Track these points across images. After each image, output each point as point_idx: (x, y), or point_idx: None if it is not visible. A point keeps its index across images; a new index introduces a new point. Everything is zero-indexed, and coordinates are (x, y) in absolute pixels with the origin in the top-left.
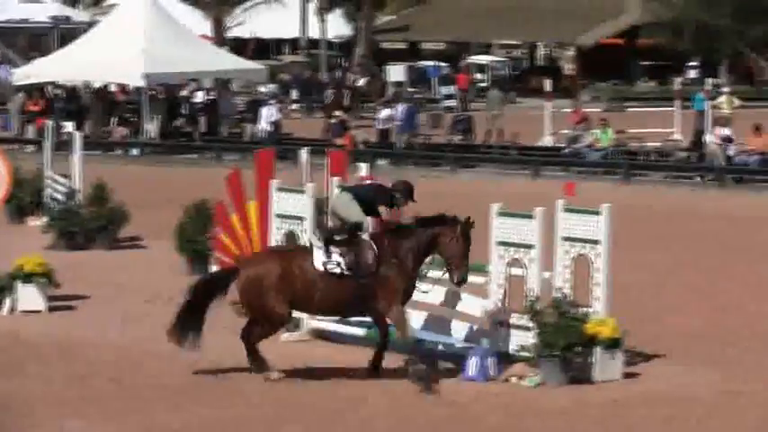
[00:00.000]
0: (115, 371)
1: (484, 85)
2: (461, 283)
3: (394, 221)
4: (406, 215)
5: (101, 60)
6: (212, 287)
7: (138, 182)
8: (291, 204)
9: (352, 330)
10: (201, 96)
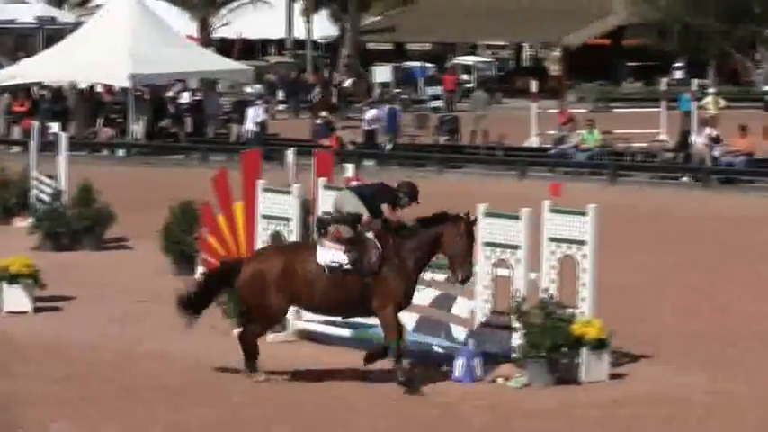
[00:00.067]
0: (102, 371)
1: (470, 85)
2: (465, 281)
3: (397, 220)
4: (406, 216)
5: (87, 61)
6: (220, 279)
7: (124, 183)
8: (278, 205)
9: (338, 331)
10: (187, 97)
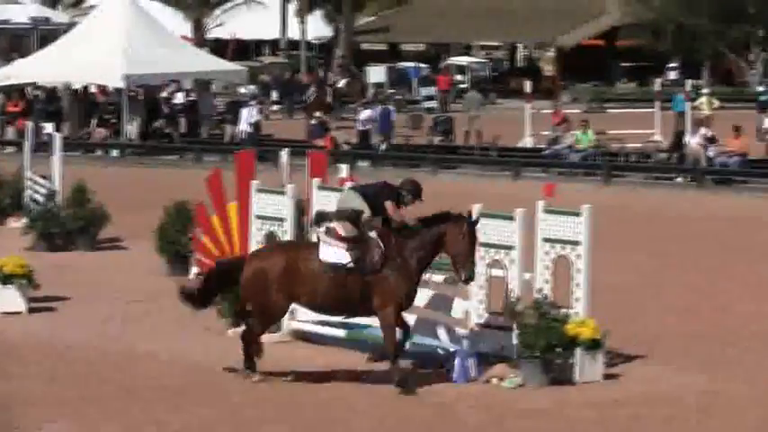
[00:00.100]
0: (97, 372)
1: (464, 86)
2: (469, 280)
3: (400, 219)
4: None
5: (81, 61)
6: (223, 276)
7: (119, 183)
8: (272, 205)
9: (332, 332)
10: (181, 97)
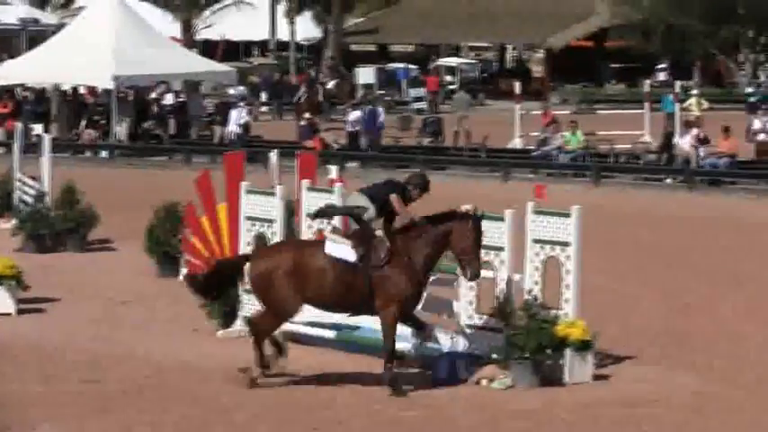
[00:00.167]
0: (86, 373)
1: (453, 87)
2: (475, 277)
3: (406, 213)
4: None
5: (70, 62)
6: (226, 272)
7: (108, 184)
8: (261, 207)
9: (322, 333)
10: (171, 99)
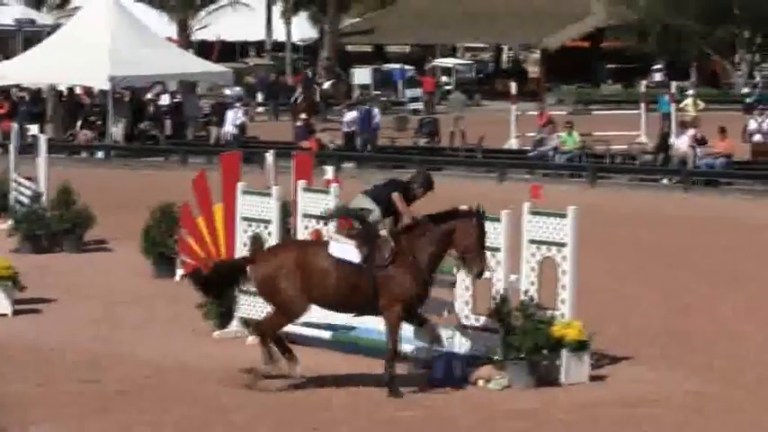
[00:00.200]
0: (83, 373)
1: (449, 87)
2: (480, 274)
3: (408, 211)
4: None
5: (66, 63)
6: (227, 272)
7: (104, 185)
8: (257, 207)
9: (317, 333)
10: (167, 99)
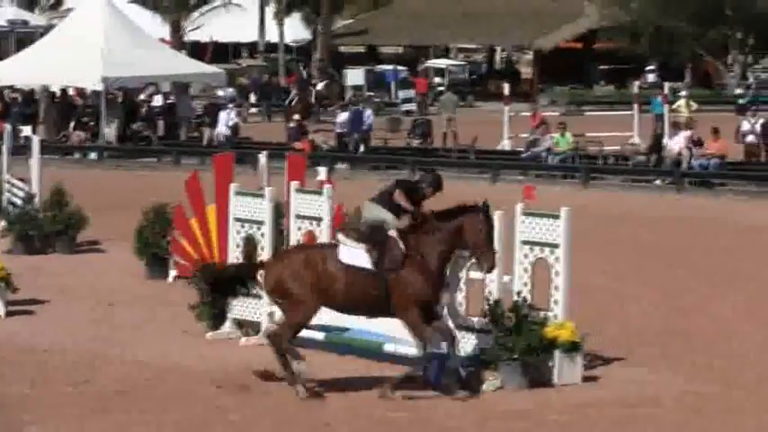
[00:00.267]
0: (76, 375)
1: (442, 89)
2: (491, 269)
3: (410, 206)
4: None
5: (59, 64)
6: (233, 275)
7: (97, 186)
8: (250, 208)
9: (311, 334)
10: (160, 100)
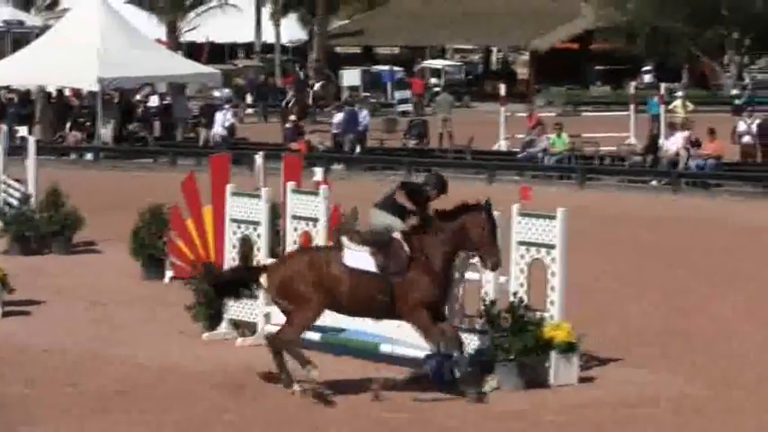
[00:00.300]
0: (71, 375)
1: (438, 89)
2: (496, 267)
3: (423, 215)
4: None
5: (54, 64)
6: (241, 280)
7: (93, 186)
8: (247, 209)
9: (307, 335)
10: (156, 101)
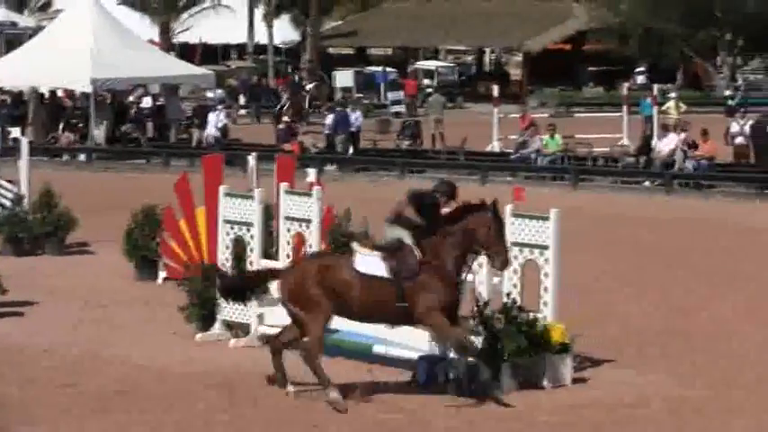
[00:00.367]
0: (65, 376)
1: (431, 90)
2: (505, 266)
3: (434, 225)
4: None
5: (47, 65)
6: (252, 286)
7: (86, 187)
8: (240, 210)
9: None
10: (149, 102)
